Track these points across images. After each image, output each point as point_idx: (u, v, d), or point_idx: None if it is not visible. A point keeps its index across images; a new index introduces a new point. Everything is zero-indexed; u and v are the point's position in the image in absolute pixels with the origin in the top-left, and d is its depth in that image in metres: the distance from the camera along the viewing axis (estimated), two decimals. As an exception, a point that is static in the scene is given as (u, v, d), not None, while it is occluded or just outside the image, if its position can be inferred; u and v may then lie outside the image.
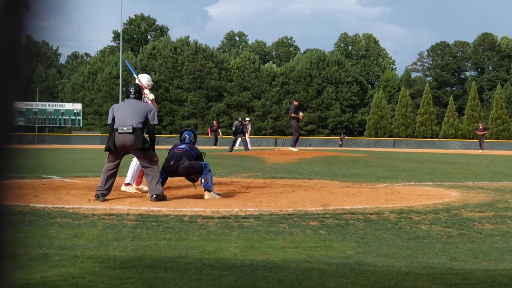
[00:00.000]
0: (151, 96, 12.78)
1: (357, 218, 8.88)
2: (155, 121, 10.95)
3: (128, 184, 12.37)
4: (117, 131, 10.61)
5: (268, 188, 13.29)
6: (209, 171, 11.32)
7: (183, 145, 11.54)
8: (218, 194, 11.32)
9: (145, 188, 12.57)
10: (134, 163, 12.41)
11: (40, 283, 5.13)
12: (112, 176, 10.65)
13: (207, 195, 11.10)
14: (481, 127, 51.88)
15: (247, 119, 45.40)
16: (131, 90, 11.10)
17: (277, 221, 8.54)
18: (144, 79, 13.12)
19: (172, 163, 11.23)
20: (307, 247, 7.08)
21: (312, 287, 5.19)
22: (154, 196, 10.49)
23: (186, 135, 11.90)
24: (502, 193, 12.77)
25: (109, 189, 10.59)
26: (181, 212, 9.08)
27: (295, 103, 27.88)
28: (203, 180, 11.23)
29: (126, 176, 12.48)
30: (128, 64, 14.92)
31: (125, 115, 10.69)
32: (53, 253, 6.36)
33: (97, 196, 10.40)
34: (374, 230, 8.23)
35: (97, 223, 8.21)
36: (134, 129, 10.56)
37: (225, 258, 6.37)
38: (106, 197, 10.50)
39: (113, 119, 10.78)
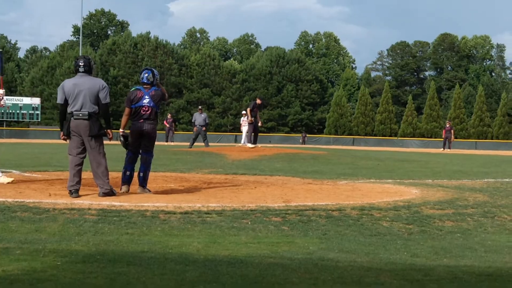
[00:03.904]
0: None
1: (319, 215, 8.92)
2: (107, 100, 10.46)
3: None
4: (72, 115, 10.33)
5: (229, 184, 13.30)
6: (150, 164, 11.24)
7: (147, 99, 11.04)
8: (149, 191, 11.22)
9: (5, 180, 12.38)
10: None
11: (2, 277, 5.07)
12: (80, 170, 10.41)
13: (140, 189, 11.04)
14: (448, 126, 52.40)
15: (243, 112, 43.18)
16: (81, 64, 10.51)
17: (240, 216, 8.54)
18: None
19: (141, 121, 11.01)
20: (269, 242, 7.10)
21: (275, 283, 5.19)
22: (102, 192, 10.28)
23: (145, 74, 11.22)
24: (461, 191, 12.90)
25: (79, 183, 10.37)
26: (143, 207, 9.04)
27: (258, 101, 27.78)
28: (141, 174, 11.13)
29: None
30: (0, 55, 13.80)
31: (78, 97, 10.27)
32: (14, 247, 6.29)
33: (71, 192, 10.15)
34: (336, 226, 8.27)
35: (58, 218, 8.14)
36: (90, 114, 10.29)
37: (188, 253, 6.36)
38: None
39: (65, 100, 10.37)
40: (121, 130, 11.27)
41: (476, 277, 5.75)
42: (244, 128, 40.43)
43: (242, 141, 39.69)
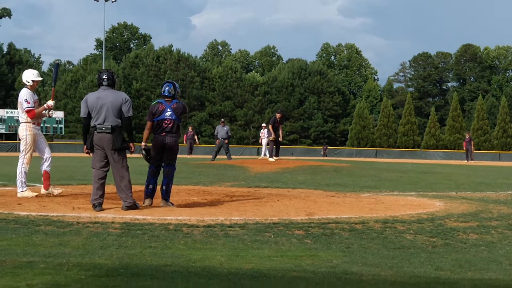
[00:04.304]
0: (50, 103, 12.51)
1: (342, 228, 8.89)
2: (130, 113, 10.48)
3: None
4: (95, 129, 10.38)
5: (252, 197, 13.28)
6: (173, 177, 11.26)
7: (169, 112, 11.04)
8: (172, 204, 11.23)
9: (56, 192, 12.48)
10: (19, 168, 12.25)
11: (26, 291, 5.10)
12: (103, 183, 10.46)
13: (163, 203, 11.06)
14: (467, 137, 52.22)
15: (263, 124, 43.10)
16: (104, 77, 10.58)
17: (263, 230, 8.53)
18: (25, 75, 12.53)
19: (163, 134, 11.02)
20: (292, 256, 7.07)
21: (299, 296, 5.18)
22: (126, 206, 10.30)
23: (166, 87, 11.22)
24: (485, 203, 12.81)
25: (103, 196, 10.41)
26: (166, 220, 9.05)
27: (278, 115, 27.64)
28: (164, 188, 11.15)
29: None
30: (56, 67, 13.85)
31: (101, 110, 10.33)
32: (39, 261, 6.32)
33: (94, 206, 10.20)
34: (359, 239, 8.23)
35: (82, 231, 8.16)
36: (113, 128, 10.33)
37: (211, 266, 6.35)
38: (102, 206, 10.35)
39: (89, 114, 10.43)
40: (143, 143, 11.29)
41: (501, 291, 5.71)
42: (264, 141, 40.60)
43: (263, 154, 39.76)
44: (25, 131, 12.28)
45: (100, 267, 6.13)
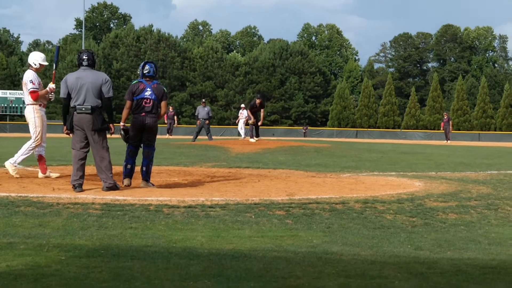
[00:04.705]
0: (52, 86, 12.48)
1: (322, 208, 8.92)
2: (110, 94, 10.43)
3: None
4: (75, 109, 10.31)
5: (233, 178, 13.29)
6: (153, 158, 11.23)
7: (149, 91, 10.99)
8: (153, 185, 11.21)
9: (54, 175, 12.45)
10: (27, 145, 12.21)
11: (6, 272, 5.09)
12: (83, 164, 10.42)
13: (143, 184, 11.04)
14: (445, 118, 52.42)
15: (242, 105, 43.53)
16: (84, 57, 10.53)
17: (243, 210, 8.55)
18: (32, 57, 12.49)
19: (143, 114, 10.94)
20: (273, 236, 7.10)
21: (279, 276, 5.20)
22: (106, 186, 10.27)
23: (149, 67, 11.18)
24: (465, 184, 12.90)
25: (83, 177, 10.37)
26: (146, 201, 9.05)
27: (257, 101, 27.42)
28: (144, 168, 11.12)
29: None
30: (57, 48, 13.90)
31: (81, 91, 10.27)
32: (18, 242, 6.31)
33: (74, 187, 10.17)
34: (339, 219, 8.28)
35: (62, 212, 8.15)
36: (93, 108, 10.27)
37: (192, 247, 6.37)
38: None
39: (68, 94, 10.37)
40: (121, 123, 11.21)
41: (480, 270, 5.76)
42: (241, 122, 40.83)
43: (243, 135, 39.78)
44: (32, 113, 12.18)
45: (81, 248, 6.13)
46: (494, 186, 12.71)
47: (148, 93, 10.95)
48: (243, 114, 40.37)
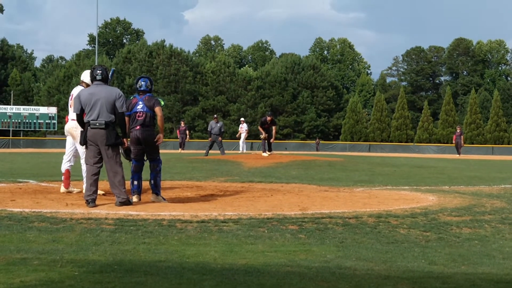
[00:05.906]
0: None
1: (335, 222, 8.90)
2: (124, 109, 10.51)
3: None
4: (89, 125, 10.36)
5: (246, 192, 13.28)
6: (160, 171, 11.25)
7: (141, 104, 11.15)
8: (164, 199, 11.24)
9: (76, 190, 12.44)
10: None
11: (20, 287, 5.09)
12: (96, 179, 10.45)
13: (153, 197, 11.06)
14: (458, 131, 52.22)
15: (242, 119, 45.35)
16: (98, 72, 10.59)
17: (256, 225, 8.53)
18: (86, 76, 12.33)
19: (137, 127, 11.06)
20: (286, 251, 7.08)
21: (293, 291, 5.19)
22: (119, 202, 10.29)
23: (142, 82, 11.38)
24: (479, 198, 12.84)
25: (96, 192, 10.41)
26: (159, 216, 9.05)
27: (268, 118, 27.84)
28: (152, 182, 11.14)
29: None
30: (112, 71, 14.08)
31: (95, 106, 10.31)
32: (32, 258, 6.32)
33: (87, 202, 10.21)
34: (353, 234, 8.25)
35: (75, 228, 8.16)
36: (106, 124, 10.32)
37: (205, 262, 6.36)
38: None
39: (81, 109, 10.42)
40: (125, 140, 11.24)
41: (494, 285, 5.72)
42: (242, 136, 41.59)
43: (241, 149, 40.46)
44: (78, 129, 11.78)
45: (94, 264, 6.13)
46: (508, 200, 12.65)
47: (140, 106, 11.15)
48: (243, 128, 41.37)
